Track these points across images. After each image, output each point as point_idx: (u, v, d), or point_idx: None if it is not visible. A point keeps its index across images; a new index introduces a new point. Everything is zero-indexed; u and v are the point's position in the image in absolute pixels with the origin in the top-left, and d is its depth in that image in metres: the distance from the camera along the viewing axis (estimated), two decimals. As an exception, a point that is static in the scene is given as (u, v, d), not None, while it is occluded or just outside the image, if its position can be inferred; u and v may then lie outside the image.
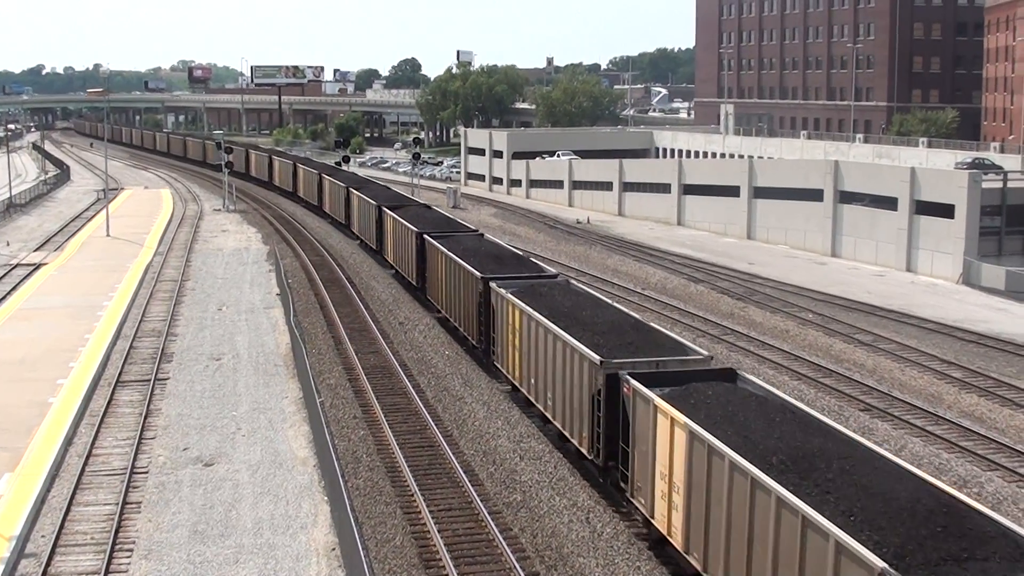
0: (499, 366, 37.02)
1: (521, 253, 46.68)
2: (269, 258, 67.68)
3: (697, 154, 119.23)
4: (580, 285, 39.00)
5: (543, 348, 31.19)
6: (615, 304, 34.56)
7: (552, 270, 42.22)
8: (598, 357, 27.00)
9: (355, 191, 72.11)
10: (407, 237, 53.00)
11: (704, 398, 23.30)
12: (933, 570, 16.14)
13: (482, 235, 50.98)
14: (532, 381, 32.78)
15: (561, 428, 30.00)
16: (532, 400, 33.02)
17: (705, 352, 28.09)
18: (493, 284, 37.33)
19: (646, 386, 24.49)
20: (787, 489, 18.65)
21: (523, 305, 33.38)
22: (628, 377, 25.33)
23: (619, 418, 25.86)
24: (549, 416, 31.14)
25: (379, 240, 62.46)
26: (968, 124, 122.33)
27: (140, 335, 46.61)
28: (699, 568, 21.71)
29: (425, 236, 49.10)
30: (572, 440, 29.23)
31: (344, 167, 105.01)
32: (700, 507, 21.50)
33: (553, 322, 30.84)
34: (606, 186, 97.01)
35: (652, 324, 31.36)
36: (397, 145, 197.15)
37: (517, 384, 34.87)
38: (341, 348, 44.08)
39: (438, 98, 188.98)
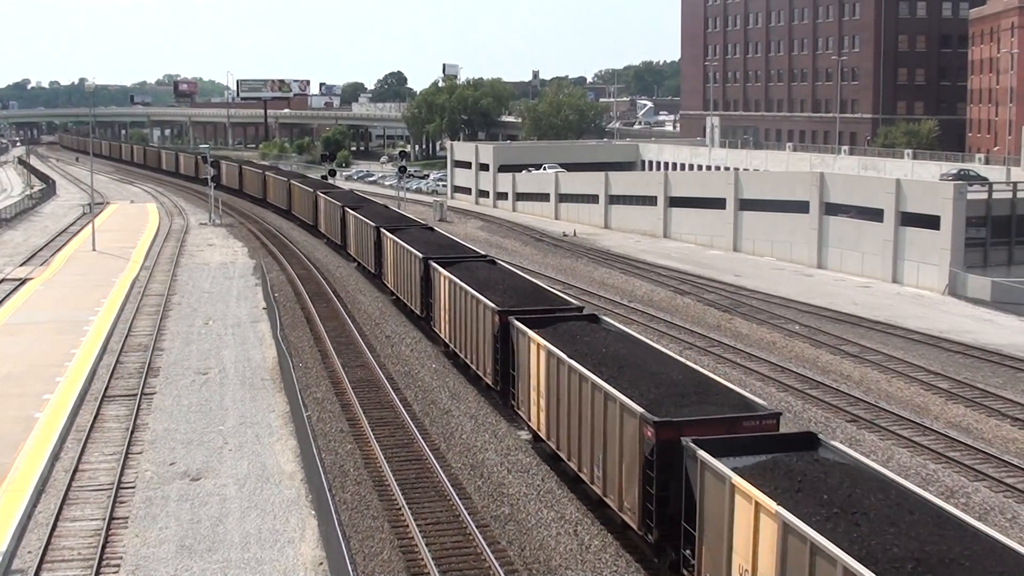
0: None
1: (670, 353, 29.48)
2: (255, 272, 67.58)
3: (683, 166, 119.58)
4: (835, 446, 21.76)
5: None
6: (884, 471, 20.18)
7: (748, 396, 24.85)
8: None
9: (387, 232, 56.33)
10: (478, 313, 37.58)
11: None
12: None
13: (596, 317, 34.25)
14: None
15: None
16: None
17: None
18: (690, 444, 21.69)
19: None
20: None
21: (779, 509, 18.30)
22: None
23: None
24: None
25: (425, 304, 46.99)
26: (953, 136, 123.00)
27: (126, 350, 46.46)
28: None
29: (512, 321, 33.77)
30: None
31: (331, 180, 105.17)
32: None
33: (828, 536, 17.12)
34: (592, 199, 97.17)
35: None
36: (383, 158, 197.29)
37: None
38: (328, 362, 44.01)
39: (424, 111, 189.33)
